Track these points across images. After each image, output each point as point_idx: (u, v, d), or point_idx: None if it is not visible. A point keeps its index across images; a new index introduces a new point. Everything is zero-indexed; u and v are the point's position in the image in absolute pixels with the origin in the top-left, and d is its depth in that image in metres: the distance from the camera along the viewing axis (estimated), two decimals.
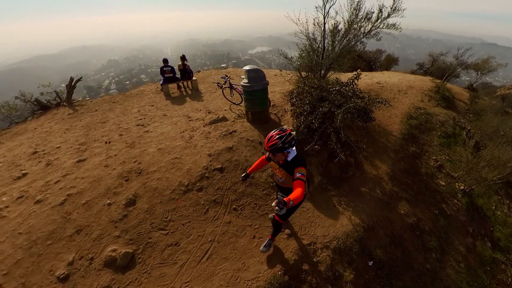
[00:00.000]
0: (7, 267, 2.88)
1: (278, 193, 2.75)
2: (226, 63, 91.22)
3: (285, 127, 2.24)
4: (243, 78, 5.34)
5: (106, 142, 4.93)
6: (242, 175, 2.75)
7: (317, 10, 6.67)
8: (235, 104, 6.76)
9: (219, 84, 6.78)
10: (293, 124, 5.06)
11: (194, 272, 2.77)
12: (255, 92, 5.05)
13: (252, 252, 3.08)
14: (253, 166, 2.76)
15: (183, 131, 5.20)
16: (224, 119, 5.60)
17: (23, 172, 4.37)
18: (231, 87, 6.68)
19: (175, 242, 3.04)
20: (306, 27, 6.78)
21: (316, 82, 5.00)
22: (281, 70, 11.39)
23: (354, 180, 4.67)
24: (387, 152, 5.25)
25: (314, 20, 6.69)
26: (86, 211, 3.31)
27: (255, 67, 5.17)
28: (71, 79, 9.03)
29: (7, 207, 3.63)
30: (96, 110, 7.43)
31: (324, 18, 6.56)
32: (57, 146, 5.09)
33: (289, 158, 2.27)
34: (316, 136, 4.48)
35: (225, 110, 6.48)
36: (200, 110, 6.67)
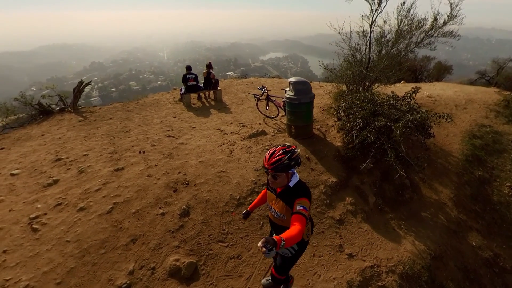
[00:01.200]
0: (60, 276, 3.45)
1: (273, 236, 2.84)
2: (233, 70, 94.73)
3: (287, 143, 2.25)
4: (287, 90, 6.14)
5: (140, 152, 5.68)
6: (243, 213, 2.86)
7: (362, 19, 7.62)
8: (270, 118, 7.52)
9: (256, 96, 7.60)
10: (343, 139, 5.72)
11: (261, 285, 3.29)
12: (301, 105, 5.82)
13: (315, 270, 3.62)
14: (255, 201, 2.84)
15: (221, 145, 5.93)
16: (263, 133, 6.33)
17: (54, 179, 5.08)
18: (268, 99, 7.48)
19: (236, 255, 3.60)
20: (349, 36, 7.70)
21: (369, 96, 5.72)
22: (311, 81, 12.33)
23: (412, 204, 5.21)
24: (448, 174, 5.80)
25: (361, 28, 7.61)
26: (138, 220, 3.94)
27: (301, 79, 6.00)
28: (80, 82, 10.11)
29: (45, 214, 4.28)
30: (110, 118, 8.33)
31: (371, 26, 7.47)
32: (84, 153, 5.85)
33: (292, 183, 2.21)
34: (372, 153, 5.10)
35: (260, 123, 7.25)
36: (231, 123, 7.45)
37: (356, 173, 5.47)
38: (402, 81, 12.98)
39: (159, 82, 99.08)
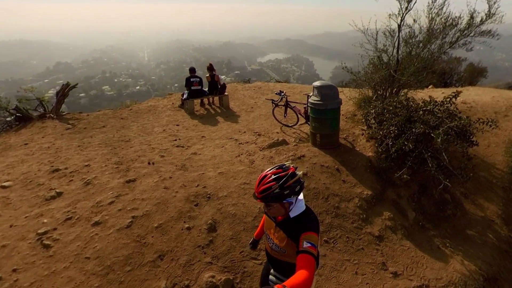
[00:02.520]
0: None
1: (271, 272, 2.62)
2: (226, 73, 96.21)
3: (287, 163, 2.15)
4: (310, 95, 6.65)
5: (149, 163, 6.07)
6: (250, 242, 2.99)
7: (390, 18, 8.27)
8: (288, 126, 8.00)
9: (274, 101, 8.11)
10: (376, 149, 6.19)
11: None
12: (328, 112, 6.33)
13: None
14: (259, 227, 2.93)
15: (238, 155, 6.36)
16: (284, 142, 6.79)
17: (57, 191, 5.43)
18: (286, 105, 7.98)
19: None
20: (375, 37, 8.34)
21: (403, 101, 6.24)
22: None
23: (456, 221, 5.64)
24: (493, 189, 6.27)
25: (387, 27, 8.24)
26: (163, 235, 4.29)
27: (327, 82, 6.55)
28: (66, 85, 10.54)
29: (55, 229, 4.61)
30: (103, 126, 8.75)
31: (399, 26, 8.11)
32: (85, 164, 6.22)
33: (293, 214, 2.12)
34: (409, 162, 5.56)
35: (277, 132, 7.73)
36: (245, 132, 7.93)
37: (391, 186, 5.92)
38: (430, 86, 13.67)
39: (138, 87, 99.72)
